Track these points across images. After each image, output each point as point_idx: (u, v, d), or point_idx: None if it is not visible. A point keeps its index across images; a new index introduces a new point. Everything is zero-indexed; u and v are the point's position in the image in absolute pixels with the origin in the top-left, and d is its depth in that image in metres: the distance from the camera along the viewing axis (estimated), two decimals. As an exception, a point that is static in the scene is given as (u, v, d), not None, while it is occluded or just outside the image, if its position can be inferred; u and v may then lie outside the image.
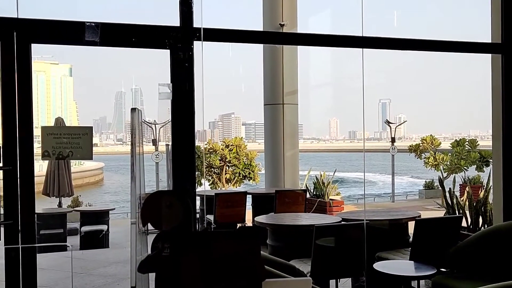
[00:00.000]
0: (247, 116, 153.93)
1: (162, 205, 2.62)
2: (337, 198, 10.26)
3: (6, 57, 3.44)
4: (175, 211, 2.61)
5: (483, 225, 5.95)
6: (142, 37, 3.78)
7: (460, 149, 15.09)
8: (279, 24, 9.82)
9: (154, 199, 2.69)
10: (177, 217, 2.61)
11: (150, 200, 2.69)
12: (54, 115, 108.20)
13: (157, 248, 2.45)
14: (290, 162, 10.20)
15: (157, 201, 2.66)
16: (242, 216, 7.75)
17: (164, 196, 2.71)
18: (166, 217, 2.60)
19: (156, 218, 2.61)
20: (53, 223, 8.59)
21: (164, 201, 2.64)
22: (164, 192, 2.85)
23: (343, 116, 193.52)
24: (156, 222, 2.63)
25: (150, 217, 2.65)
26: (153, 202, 2.66)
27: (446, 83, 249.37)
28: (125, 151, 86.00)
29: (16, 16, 3.46)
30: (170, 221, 2.59)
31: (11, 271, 3.44)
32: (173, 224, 2.59)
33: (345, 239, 4.66)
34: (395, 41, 4.66)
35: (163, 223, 2.60)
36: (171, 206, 2.62)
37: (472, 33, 34.01)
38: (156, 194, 2.74)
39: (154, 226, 2.64)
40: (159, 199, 2.68)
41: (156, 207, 2.62)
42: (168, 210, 2.61)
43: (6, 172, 3.37)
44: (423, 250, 4.52)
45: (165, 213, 2.61)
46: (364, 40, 4.46)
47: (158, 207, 2.62)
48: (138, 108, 3.25)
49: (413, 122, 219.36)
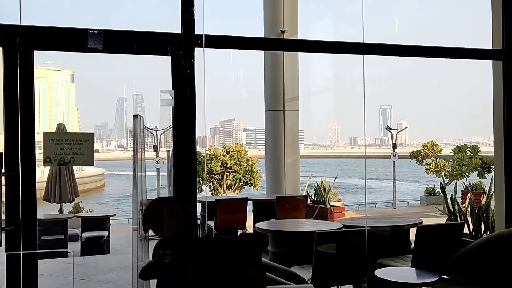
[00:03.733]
0: (248, 122, 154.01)
1: (164, 211, 2.62)
2: (338, 205, 10.23)
3: (8, 64, 3.45)
4: (176, 218, 2.61)
5: (485, 231, 5.94)
6: (144, 44, 3.79)
7: (462, 155, 15.06)
8: (280, 31, 9.84)
9: (155, 205, 2.68)
10: (178, 223, 2.61)
11: (152, 206, 2.69)
12: (56, 121, 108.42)
13: (159, 255, 2.45)
14: (291, 168, 10.20)
15: (159, 208, 2.65)
16: (243, 222, 7.73)
17: (165, 203, 2.71)
18: (167, 224, 2.60)
19: (157, 225, 2.61)
20: (54, 229, 8.57)
21: (165, 207, 2.64)
22: (165, 198, 2.85)
23: (344, 122, 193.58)
24: (158, 229, 2.62)
25: (151, 224, 2.65)
26: (154, 208, 2.66)
27: (448, 89, 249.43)
28: (126, 157, 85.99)
29: (19, 23, 3.48)
30: (171, 227, 2.59)
31: (12, 277, 3.44)
32: (174, 231, 2.58)
33: (346, 245, 4.64)
34: (396, 48, 4.67)
35: (165, 229, 2.59)
36: (172, 213, 2.61)
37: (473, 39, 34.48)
38: (157, 201, 2.74)
39: (155, 233, 2.63)
40: (161, 206, 2.67)
41: (157, 214, 2.61)
42: (170, 216, 2.60)
43: (8, 178, 3.38)
44: (425, 257, 4.50)
45: (167, 219, 2.60)
46: (365, 47, 4.48)
47: (159, 213, 2.62)
48: (140, 115, 3.26)
49: (414, 128, 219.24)
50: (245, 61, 48.44)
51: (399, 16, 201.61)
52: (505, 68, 4.91)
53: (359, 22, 4.66)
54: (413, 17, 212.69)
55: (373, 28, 4.99)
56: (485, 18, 5.25)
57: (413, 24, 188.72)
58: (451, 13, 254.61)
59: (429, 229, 4.98)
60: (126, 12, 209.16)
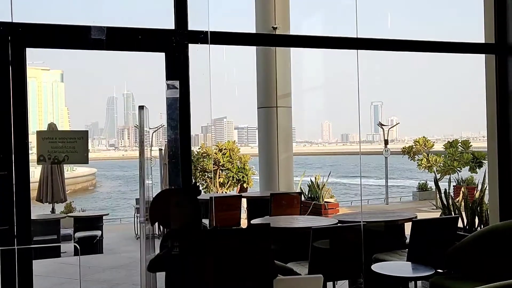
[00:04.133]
0: (240, 120, 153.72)
1: (170, 203, 2.58)
2: (332, 201, 10.26)
3: (0, 62, 3.40)
4: (183, 209, 2.57)
5: (479, 225, 5.96)
6: (137, 40, 3.76)
7: (453, 151, 15.16)
8: (271, 27, 9.82)
9: (162, 197, 2.64)
10: (185, 215, 2.57)
11: (158, 198, 2.64)
12: (46, 121, 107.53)
13: (167, 247, 2.41)
14: (284, 165, 10.18)
15: (165, 200, 2.61)
16: (238, 220, 7.72)
17: (172, 194, 2.66)
18: (174, 215, 2.56)
19: (164, 217, 2.57)
20: (46, 229, 8.51)
21: (172, 199, 2.60)
22: (171, 190, 2.81)
23: (336, 119, 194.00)
24: (165, 220, 2.58)
25: (158, 216, 2.60)
26: (161, 200, 2.61)
27: (438, 85, 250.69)
28: (117, 156, 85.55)
29: (10, 20, 3.43)
30: (178, 219, 2.55)
31: (7, 276, 3.41)
32: (181, 222, 2.55)
33: (342, 241, 4.64)
34: (389, 42, 4.68)
35: (172, 221, 2.56)
36: (179, 204, 2.57)
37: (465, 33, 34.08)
38: (164, 193, 2.69)
39: (162, 225, 2.60)
40: (167, 197, 2.63)
41: (164, 205, 2.57)
42: (177, 208, 2.56)
43: (2, 177, 3.34)
44: (420, 251, 4.51)
45: (174, 211, 2.57)
46: (358, 42, 4.48)
47: (166, 205, 2.58)
48: (145, 106, 3.22)
49: (405, 124, 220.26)
50: (237, 58, 48.55)
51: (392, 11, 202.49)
52: (497, 62, 4.93)
53: (352, 18, 4.66)
54: (405, 12, 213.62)
55: (365, 23, 4.98)
56: (477, 12, 5.28)
57: (406, 19, 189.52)
58: (444, 8, 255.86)
59: (424, 224, 5.00)
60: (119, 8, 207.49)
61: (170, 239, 2.40)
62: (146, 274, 2.75)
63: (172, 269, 2.38)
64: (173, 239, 2.39)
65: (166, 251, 2.40)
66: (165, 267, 2.42)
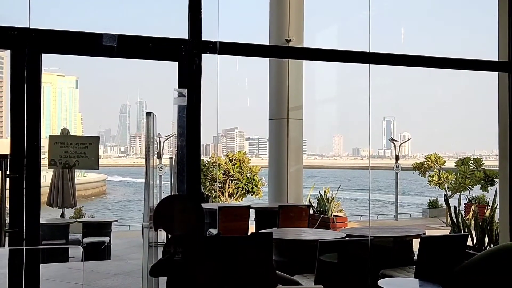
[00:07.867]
0: (251, 131, 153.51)
1: (175, 209, 2.59)
2: (341, 215, 10.20)
3: (16, 67, 3.46)
4: (187, 216, 2.58)
5: (489, 244, 5.89)
6: (151, 48, 3.80)
7: (465, 168, 15.00)
8: (285, 40, 9.86)
9: (166, 203, 2.65)
10: (189, 221, 2.58)
11: (163, 204, 2.66)
12: (59, 126, 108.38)
13: (169, 253, 2.42)
14: (294, 177, 10.16)
15: (170, 206, 2.62)
16: (245, 230, 7.70)
17: (176, 201, 2.68)
18: (178, 222, 2.57)
19: (168, 222, 2.58)
20: (55, 234, 8.55)
21: (176, 205, 2.61)
22: (176, 196, 2.82)
23: (347, 133, 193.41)
24: (169, 226, 2.59)
25: (162, 221, 2.61)
26: (165, 206, 2.63)
27: (451, 102, 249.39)
28: (128, 163, 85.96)
29: (27, 26, 3.49)
30: (182, 225, 2.56)
31: (14, 277, 3.43)
32: (185, 229, 2.56)
33: (349, 255, 4.62)
34: (402, 58, 4.68)
35: (176, 227, 2.57)
36: (183, 211, 2.59)
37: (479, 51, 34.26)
38: (168, 199, 2.70)
39: (166, 230, 2.61)
40: (172, 204, 2.64)
41: (168, 211, 2.59)
42: (181, 214, 2.57)
43: (13, 180, 3.38)
44: (428, 268, 4.47)
45: (178, 217, 2.58)
46: (371, 56, 4.48)
47: (170, 211, 2.59)
48: (153, 113, 3.25)
49: (417, 140, 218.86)
50: (250, 69, 48.74)
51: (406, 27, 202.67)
52: (510, 80, 4.90)
53: (366, 32, 4.67)
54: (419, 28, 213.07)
55: (379, 38, 4.98)
56: (492, 30, 5.26)
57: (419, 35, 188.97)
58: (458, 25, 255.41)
59: (433, 240, 4.95)
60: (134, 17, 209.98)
61: (173, 244, 2.41)
62: (148, 278, 2.76)
63: (174, 275, 2.39)
64: (175, 244, 2.40)
65: (168, 256, 2.41)
66: (166, 272, 2.43)
